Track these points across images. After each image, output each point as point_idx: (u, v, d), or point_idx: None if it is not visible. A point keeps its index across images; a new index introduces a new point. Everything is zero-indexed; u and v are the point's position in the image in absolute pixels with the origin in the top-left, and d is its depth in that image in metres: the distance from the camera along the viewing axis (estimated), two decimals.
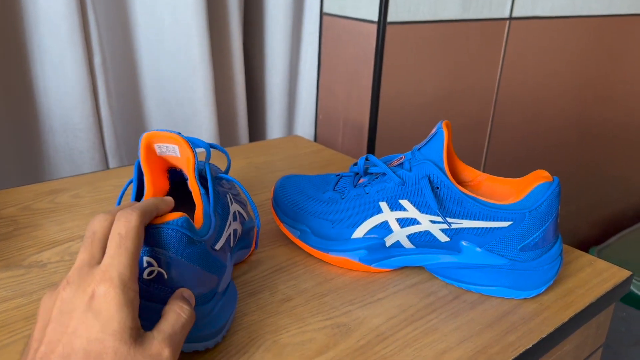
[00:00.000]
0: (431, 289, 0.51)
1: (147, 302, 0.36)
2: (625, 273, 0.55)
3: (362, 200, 0.52)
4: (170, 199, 0.40)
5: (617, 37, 1.32)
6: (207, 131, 0.88)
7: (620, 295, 0.55)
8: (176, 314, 0.35)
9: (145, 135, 0.43)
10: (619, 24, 1.29)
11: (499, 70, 1.07)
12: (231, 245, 0.47)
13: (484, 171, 1.14)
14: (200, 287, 0.39)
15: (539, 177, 0.49)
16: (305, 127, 1.01)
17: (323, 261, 0.54)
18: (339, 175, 0.58)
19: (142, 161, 0.43)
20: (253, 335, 0.43)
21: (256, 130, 1.05)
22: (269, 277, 0.51)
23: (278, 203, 0.58)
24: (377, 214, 0.51)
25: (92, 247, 0.35)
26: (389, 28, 0.85)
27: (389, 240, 0.51)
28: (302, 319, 0.46)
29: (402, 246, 0.52)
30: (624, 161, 1.61)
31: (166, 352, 0.33)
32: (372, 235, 0.52)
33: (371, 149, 0.93)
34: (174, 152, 0.43)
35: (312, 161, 0.80)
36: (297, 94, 1.02)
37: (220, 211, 0.45)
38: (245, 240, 0.53)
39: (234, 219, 0.48)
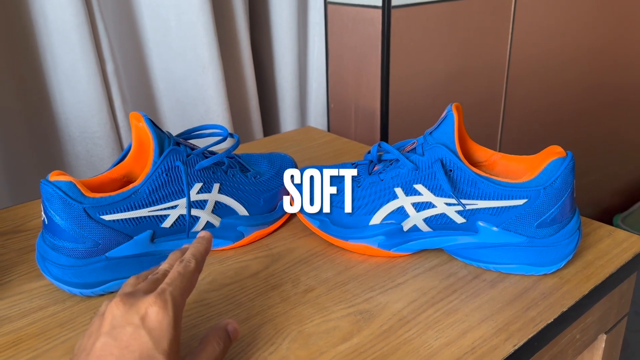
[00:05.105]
0: (451, 270, 0.52)
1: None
2: None
3: (378, 187, 0.53)
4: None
5: (628, 0, 1.29)
6: None
7: None
8: (212, 346, 0.38)
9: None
10: None
11: (509, 44, 1.06)
12: (162, 225, 0.51)
13: (500, 148, 1.13)
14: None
15: (553, 153, 0.49)
16: (317, 117, 1.02)
17: (342, 250, 0.55)
18: (354, 164, 0.59)
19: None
20: (279, 327, 0.45)
21: (270, 124, 1.06)
22: (291, 269, 0.53)
23: None
24: (393, 199, 0.52)
25: (154, 283, 0.38)
26: (393, 12, 0.85)
27: (406, 225, 0.52)
28: (325, 307, 0.47)
29: (419, 230, 0.52)
30: None
31: None
32: (390, 221, 0.53)
33: (384, 134, 0.93)
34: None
35: (327, 151, 0.81)
36: (307, 85, 1.02)
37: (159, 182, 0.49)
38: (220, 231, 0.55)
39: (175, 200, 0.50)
